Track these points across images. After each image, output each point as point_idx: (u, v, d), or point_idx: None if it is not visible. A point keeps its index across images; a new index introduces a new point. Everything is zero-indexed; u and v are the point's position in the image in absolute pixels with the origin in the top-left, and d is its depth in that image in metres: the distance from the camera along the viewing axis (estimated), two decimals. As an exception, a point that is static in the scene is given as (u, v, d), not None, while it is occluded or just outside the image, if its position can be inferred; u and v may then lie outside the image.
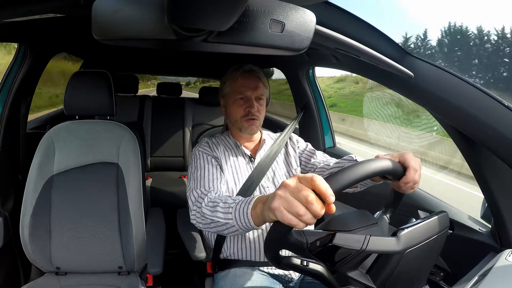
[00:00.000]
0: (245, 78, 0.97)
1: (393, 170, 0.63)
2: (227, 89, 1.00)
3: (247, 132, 1.00)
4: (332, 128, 1.63)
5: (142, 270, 1.15)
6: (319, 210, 0.46)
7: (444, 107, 0.69)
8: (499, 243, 0.76)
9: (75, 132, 1.14)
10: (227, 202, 0.75)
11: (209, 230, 0.80)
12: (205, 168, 0.92)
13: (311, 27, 0.46)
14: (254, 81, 0.97)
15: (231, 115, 1.00)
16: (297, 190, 0.47)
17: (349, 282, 0.57)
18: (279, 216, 0.49)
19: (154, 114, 2.38)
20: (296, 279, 0.96)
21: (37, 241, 1.06)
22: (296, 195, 0.47)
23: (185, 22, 0.40)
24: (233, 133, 1.05)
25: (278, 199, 0.49)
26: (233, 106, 0.98)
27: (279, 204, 0.49)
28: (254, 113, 0.96)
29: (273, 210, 0.49)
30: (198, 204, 0.82)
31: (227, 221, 0.72)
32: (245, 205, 0.68)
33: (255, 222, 0.65)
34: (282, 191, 0.49)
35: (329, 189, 0.46)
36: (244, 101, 0.97)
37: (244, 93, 0.96)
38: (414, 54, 0.72)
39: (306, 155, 1.07)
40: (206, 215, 0.78)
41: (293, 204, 0.47)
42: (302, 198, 0.46)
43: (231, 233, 0.74)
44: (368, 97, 8.46)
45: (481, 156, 0.73)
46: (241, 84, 0.96)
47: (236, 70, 0.98)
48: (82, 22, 0.61)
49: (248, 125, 0.98)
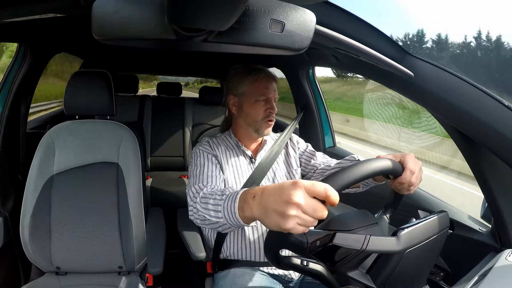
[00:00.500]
0: (268, 80, 0.97)
1: (393, 170, 0.63)
2: (245, 88, 0.97)
3: (264, 134, 1.00)
4: (332, 128, 1.63)
5: (142, 270, 1.15)
6: (322, 215, 0.47)
7: (444, 107, 0.69)
8: (499, 243, 0.76)
9: (75, 132, 1.14)
10: (216, 199, 0.74)
11: (205, 226, 0.80)
12: (204, 165, 0.92)
13: (311, 27, 0.46)
14: (274, 84, 0.99)
15: (250, 115, 0.98)
16: (313, 210, 0.46)
17: (349, 282, 0.57)
18: (294, 232, 0.47)
19: (154, 114, 2.38)
20: (296, 279, 0.96)
21: (37, 241, 1.06)
22: (312, 214, 0.46)
23: (185, 22, 0.40)
24: (237, 133, 1.04)
25: (292, 220, 0.46)
26: (254, 106, 0.97)
27: (294, 224, 0.46)
28: (273, 114, 0.98)
29: (288, 230, 0.47)
30: (194, 199, 0.83)
31: (218, 219, 0.72)
32: (231, 203, 0.66)
33: (244, 222, 0.64)
34: (294, 211, 0.46)
35: (334, 193, 0.46)
36: (265, 102, 0.97)
37: (267, 94, 0.97)
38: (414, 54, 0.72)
39: (307, 156, 1.07)
40: (200, 212, 0.78)
41: (307, 220, 0.46)
42: (318, 216, 0.46)
43: (225, 230, 0.74)
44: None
45: (481, 156, 0.73)
46: (265, 86, 0.96)
47: (260, 72, 0.97)
48: (82, 22, 0.61)
49: (267, 127, 0.99)
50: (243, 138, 1.03)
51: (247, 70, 0.99)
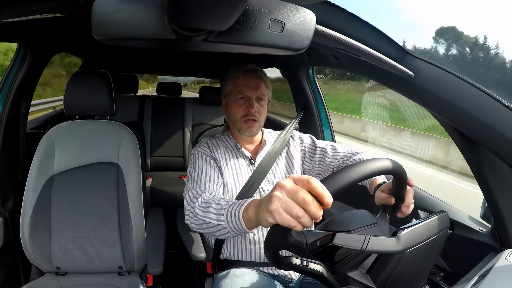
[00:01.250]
0: (247, 77, 0.95)
1: (392, 171, 0.62)
2: (228, 88, 0.98)
3: (246, 134, 0.98)
4: (332, 128, 1.63)
5: (142, 270, 1.15)
6: (316, 211, 0.45)
7: (444, 107, 0.69)
8: (499, 243, 0.76)
9: (75, 132, 1.14)
10: (220, 204, 0.74)
11: (201, 231, 0.79)
12: (202, 169, 0.91)
13: (311, 26, 0.46)
14: (256, 81, 0.96)
15: (231, 114, 0.99)
16: (293, 192, 0.47)
17: (349, 282, 0.57)
18: (278, 218, 0.47)
19: (154, 114, 2.38)
20: (296, 279, 0.96)
21: (37, 241, 1.06)
22: (293, 196, 0.47)
23: (185, 22, 0.40)
24: (233, 134, 1.04)
25: (276, 200, 0.48)
26: (233, 105, 0.97)
27: (277, 205, 0.47)
28: (253, 114, 0.95)
29: (271, 212, 0.48)
30: (192, 204, 0.82)
31: (219, 222, 0.71)
32: (237, 208, 0.66)
33: (247, 225, 0.64)
34: (278, 192, 0.48)
35: (325, 190, 0.46)
36: (245, 100, 0.95)
37: (245, 92, 0.95)
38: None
39: (320, 154, 1.05)
40: (198, 216, 0.77)
41: (291, 205, 0.46)
42: (300, 199, 0.46)
43: (223, 235, 0.72)
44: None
45: (481, 156, 0.73)
46: (242, 84, 0.95)
47: (239, 69, 0.97)
48: (82, 22, 0.61)
49: (247, 127, 0.96)
50: (239, 139, 1.03)
51: (232, 69, 0.98)
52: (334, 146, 1.05)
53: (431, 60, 0.70)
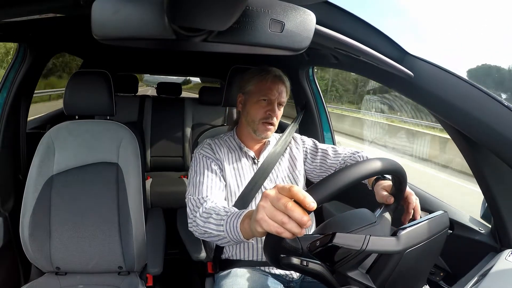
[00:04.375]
0: (274, 82, 0.96)
1: (386, 171, 0.60)
2: (251, 87, 0.98)
3: (261, 136, 0.99)
4: (332, 128, 1.63)
5: (142, 270, 1.15)
6: (300, 217, 0.46)
7: (444, 107, 0.69)
8: (499, 243, 0.76)
9: (75, 132, 1.14)
10: (219, 214, 0.75)
11: (204, 239, 0.82)
12: (204, 174, 0.91)
13: (311, 27, 0.46)
14: (282, 87, 0.97)
15: (250, 114, 0.98)
16: (276, 199, 0.48)
17: (349, 282, 0.56)
18: (265, 226, 0.50)
19: (154, 114, 2.38)
20: (297, 279, 0.96)
21: (37, 241, 1.06)
22: (276, 204, 0.48)
23: (185, 22, 0.40)
24: (240, 133, 1.04)
25: (262, 210, 0.50)
26: (255, 105, 0.97)
27: (263, 214, 0.50)
28: (273, 117, 0.96)
29: (258, 221, 0.51)
30: (194, 213, 0.84)
31: (219, 232, 0.73)
32: (235, 219, 0.69)
33: (244, 236, 0.67)
34: (263, 202, 0.51)
35: (308, 196, 0.47)
36: (267, 103, 0.96)
37: (269, 95, 0.95)
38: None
39: (321, 156, 1.06)
40: (199, 226, 0.79)
41: (275, 213, 0.48)
42: (281, 206, 0.47)
43: (224, 243, 0.76)
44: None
45: (481, 156, 0.73)
46: (269, 87, 0.95)
47: (267, 72, 0.97)
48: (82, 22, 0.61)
49: (264, 130, 0.97)
50: (245, 138, 1.03)
51: (258, 70, 0.99)
52: (335, 148, 1.07)
53: (431, 60, 0.70)
